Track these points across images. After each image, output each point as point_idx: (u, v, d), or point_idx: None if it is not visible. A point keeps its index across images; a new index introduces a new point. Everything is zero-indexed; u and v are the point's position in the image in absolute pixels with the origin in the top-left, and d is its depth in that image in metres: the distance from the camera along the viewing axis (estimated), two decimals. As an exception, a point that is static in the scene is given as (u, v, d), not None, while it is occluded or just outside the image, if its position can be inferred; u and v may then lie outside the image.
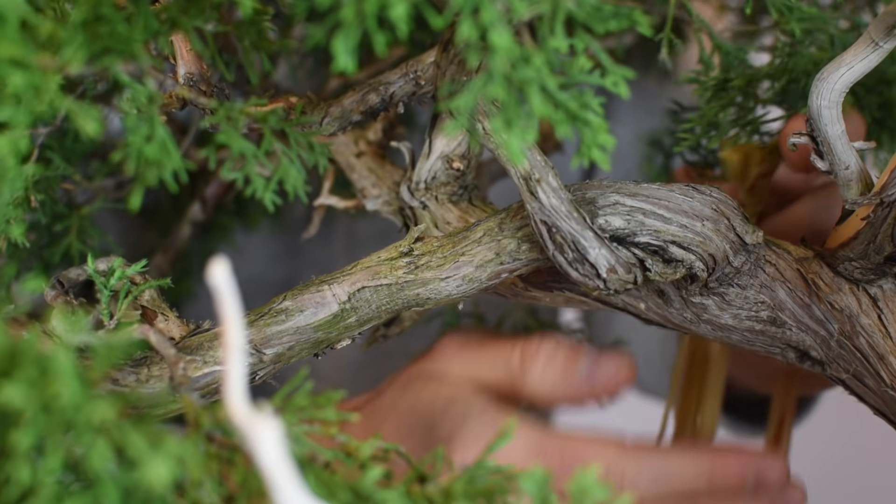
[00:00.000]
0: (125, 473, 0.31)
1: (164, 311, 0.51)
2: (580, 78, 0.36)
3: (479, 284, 0.51)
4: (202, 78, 0.49)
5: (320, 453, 0.36)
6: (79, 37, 0.35)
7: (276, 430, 0.29)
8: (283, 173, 0.46)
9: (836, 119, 0.49)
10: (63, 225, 0.69)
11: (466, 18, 0.34)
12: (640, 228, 0.49)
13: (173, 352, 0.45)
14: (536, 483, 0.32)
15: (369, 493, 0.34)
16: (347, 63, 0.34)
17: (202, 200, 0.77)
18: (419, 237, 0.52)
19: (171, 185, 0.40)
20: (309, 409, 0.36)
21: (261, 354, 0.50)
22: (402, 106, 0.57)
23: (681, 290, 0.52)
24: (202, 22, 0.40)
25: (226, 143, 0.43)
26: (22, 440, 0.30)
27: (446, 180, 0.57)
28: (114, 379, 0.48)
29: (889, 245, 0.48)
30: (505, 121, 0.35)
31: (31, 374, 0.30)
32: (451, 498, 0.35)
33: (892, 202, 0.47)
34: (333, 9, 0.34)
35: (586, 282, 0.49)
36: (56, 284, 0.51)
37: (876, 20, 0.46)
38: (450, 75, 0.49)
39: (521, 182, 0.48)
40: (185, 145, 0.71)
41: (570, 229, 0.48)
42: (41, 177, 0.63)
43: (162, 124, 0.40)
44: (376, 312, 0.51)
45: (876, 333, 0.50)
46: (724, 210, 0.50)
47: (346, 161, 0.62)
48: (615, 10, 0.36)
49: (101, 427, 0.31)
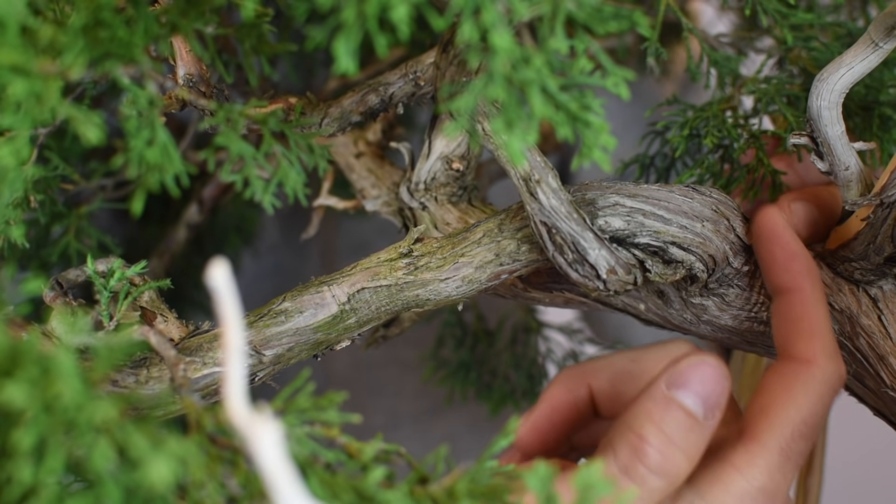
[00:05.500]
0: (127, 474, 0.31)
1: (163, 312, 0.51)
2: (581, 79, 0.36)
3: (479, 285, 0.51)
4: (202, 79, 0.49)
5: (322, 455, 0.36)
6: (79, 42, 0.35)
7: (275, 432, 0.29)
8: (283, 175, 0.46)
9: (835, 120, 0.49)
10: (61, 225, 0.69)
11: (467, 19, 0.34)
12: (639, 229, 0.49)
13: (173, 353, 0.45)
14: (541, 481, 0.32)
15: (372, 493, 0.34)
16: (349, 65, 0.34)
17: (199, 202, 0.77)
18: (419, 238, 0.52)
19: (172, 190, 0.39)
20: (311, 410, 0.36)
21: (260, 356, 0.50)
22: (401, 106, 0.57)
23: (681, 290, 0.52)
24: (202, 25, 0.40)
25: (225, 144, 0.43)
26: (23, 440, 0.30)
27: (446, 181, 0.57)
28: (113, 380, 0.48)
29: (889, 246, 0.48)
30: (505, 122, 0.35)
31: (32, 374, 0.30)
32: (455, 498, 0.35)
33: (892, 203, 0.47)
34: (334, 10, 0.34)
35: (586, 283, 0.49)
36: (55, 285, 0.51)
37: (876, 21, 0.46)
38: (449, 76, 0.49)
39: (521, 183, 0.48)
40: (184, 146, 0.71)
41: (570, 230, 0.48)
42: (40, 177, 0.63)
43: (163, 128, 0.40)
44: (376, 313, 0.51)
45: (876, 334, 0.50)
46: (724, 211, 0.50)
47: (346, 162, 0.62)
48: (615, 11, 0.36)
49: (102, 427, 0.31)
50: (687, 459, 0.44)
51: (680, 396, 0.44)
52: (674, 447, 0.44)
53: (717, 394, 0.45)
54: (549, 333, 0.89)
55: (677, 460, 0.44)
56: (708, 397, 0.44)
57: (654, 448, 0.44)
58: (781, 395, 0.46)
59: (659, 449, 0.44)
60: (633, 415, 0.45)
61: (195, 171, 0.41)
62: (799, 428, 0.45)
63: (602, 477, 0.32)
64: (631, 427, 0.44)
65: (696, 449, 0.44)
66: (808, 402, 0.46)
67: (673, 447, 0.44)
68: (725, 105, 0.62)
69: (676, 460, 0.44)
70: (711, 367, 0.45)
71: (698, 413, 0.44)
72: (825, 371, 0.46)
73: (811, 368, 0.46)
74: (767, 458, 0.45)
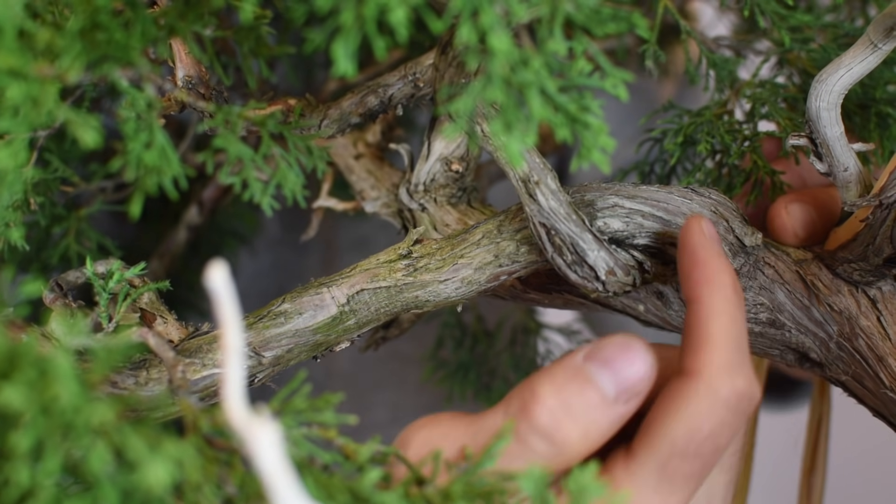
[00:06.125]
0: (124, 475, 0.31)
1: (162, 313, 0.51)
2: (579, 81, 0.36)
3: (478, 287, 0.51)
4: (201, 81, 0.49)
5: (319, 456, 0.36)
6: (76, 45, 0.35)
7: (273, 434, 0.29)
8: (282, 177, 0.46)
9: (834, 121, 0.49)
10: (61, 227, 0.69)
11: (466, 21, 0.34)
12: (638, 231, 0.49)
13: (172, 355, 0.45)
14: (535, 482, 0.33)
15: (368, 495, 0.34)
16: (347, 67, 0.34)
17: (199, 203, 0.77)
18: (418, 239, 0.52)
19: (171, 193, 0.39)
20: (307, 411, 0.36)
21: (259, 357, 0.50)
22: (400, 108, 0.57)
23: (680, 292, 0.52)
24: (200, 27, 0.40)
25: (223, 146, 0.43)
26: (21, 442, 0.30)
27: (445, 182, 0.57)
28: (112, 382, 0.48)
29: (888, 247, 0.48)
30: (504, 123, 0.35)
31: (30, 377, 0.30)
32: (450, 499, 0.35)
33: (891, 204, 0.47)
34: (333, 12, 0.34)
35: (585, 284, 0.49)
36: (55, 287, 0.51)
37: (875, 22, 0.46)
38: (448, 78, 0.49)
39: (520, 184, 0.48)
40: (183, 148, 0.71)
41: (569, 231, 0.48)
42: (40, 179, 0.63)
43: (161, 130, 0.40)
44: (375, 315, 0.51)
45: (875, 335, 0.50)
46: (723, 212, 0.50)
47: (345, 163, 0.62)
48: (614, 13, 0.36)
49: (100, 429, 0.31)
50: (582, 435, 0.41)
51: (593, 370, 0.42)
52: (568, 416, 0.41)
53: (635, 380, 0.42)
54: (549, 334, 0.89)
55: (567, 429, 0.41)
56: (624, 380, 0.42)
57: (545, 408, 0.41)
58: (663, 410, 0.43)
59: (550, 410, 0.41)
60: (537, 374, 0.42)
61: (194, 173, 0.41)
62: (679, 446, 0.42)
63: (596, 480, 0.32)
64: (529, 383, 0.42)
65: (597, 429, 0.41)
66: (689, 419, 0.42)
67: (567, 416, 0.41)
68: (721, 110, 0.62)
69: (566, 429, 0.41)
70: (636, 352, 0.42)
71: (608, 393, 0.42)
72: (712, 385, 0.42)
73: (695, 382, 0.42)
74: (644, 476, 0.42)
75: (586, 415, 0.41)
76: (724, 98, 0.63)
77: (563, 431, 0.41)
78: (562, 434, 0.41)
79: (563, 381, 0.41)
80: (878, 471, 1.52)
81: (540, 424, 0.41)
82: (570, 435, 0.41)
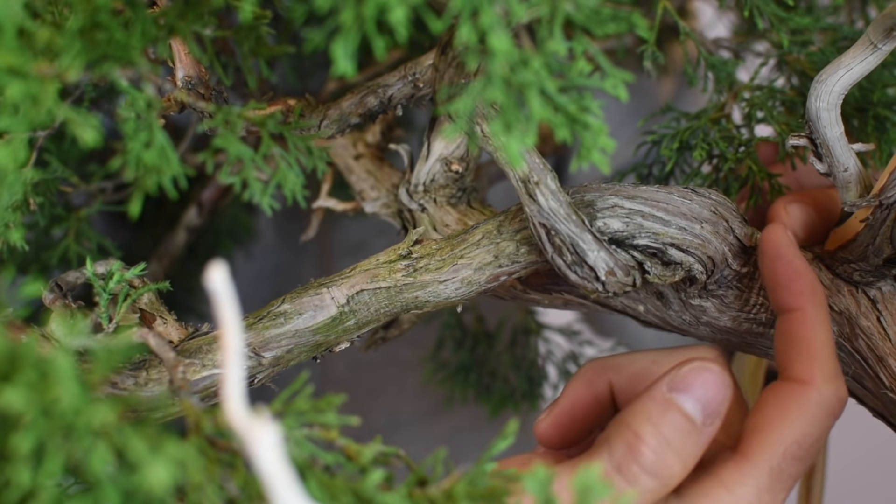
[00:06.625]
0: (125, 476, 0.31)
1: (162, 314, 0.51)
2: (579, 81, 0.36)
3: (478, 287, 0.51)
4: (200, 81, 0.49)
5: (321, 457, 0.36)
6: (76, 44, 0.35)
7: (274, 435, 0.29)
8: (281, 177, 0.46)
9: (834, 121, 0.49)
10: (61, 227, 0.69)
11: (465, 21, 0.34)
12: (638, 231, 0.49)
13: (172, 355, 0.45)
14: (539, 483, 0.32)
15: (371, 496, 0.34)
16: (347, 67, 0.34)
17: (199, 204, 0.77)
18: (418, 240, 0.52)
19: (170, 193, 0.39)
20: (309, 412, 0.36)
21: (259, 357, 0.50)
22: (400, 108, 0.57)
23: (680, 292, 0.52)
24: (200, 27, 0.40)
25: (223, 146, 0.43)
26: (22, 444, 0.30)
27: (445, 183, 0.57)
28: (113, 382, 0.47)
29: (888, 247, 0.48)
30: (504, 124, 0.35)
31: (31, 378, 0.30)
32: (453, 500, 0.35)
33: (891, 204, 0.47)
34: (332, 12, 0.34)
35: (585, 284, 0.49)
36: (55, 288, 0.51)
37: (875, 22, 0.46)
38: (448, 78, 0.49)
39: (520, 185, 0.48)
40: (182, 149, 0.71)
41: (569, 232, 0.48)
42: (39, 180, 0.63)
43: (161, 130, 0.40)
44: (375, 315, 0.51)
45: (875, 335, 0.50)
46: (723, 212, 0.50)
47: (345, 163, 0.62)
48: (614, 13, 0.36)
49: (101, 430, 0.31)
50: (681, 463, 0.44)
51: (680, 400, 0.44)
52: (669, 449, 0.44)
53: (718, 401, 0.44)
54: (549, 335, 0.89)
55: (671, 463, 0.44)
56: (708, 404, 0.44)
57: (649, 448, 0.43)
58: (776, 415, 0.46)
59: (654, 449, 0.43)
60: (631, 413, 0.45)
61: (193, 173, 0.41)
62: (791, 449, 0.45)
63: (600, 479, 0.32)
64: (629, 425, 0.44)
65: (692, 454, 0.44)
66: (803, 424, 0.46)
67: (669, 449, 0.44)
68: (718, 114, 0.62)
69: (670, 463, 0.44)
70: (714, 373, 0.45)
71: (697, 418, 0.44)
72: (822, 393, 0.46)
73: (808, 390, 0.46)
74: (757, 477, 0.45)
75: (684, 446, 0.44)
76: (722, 101, 0.63)
77: (669, 466, 0.44)
78: (668, 469, 0.44)
79: (658, 417, 0.44)
80: (877, 471, 1.52)
81: (648, 464, 0.43)
82: (674, 468, 0.44)
